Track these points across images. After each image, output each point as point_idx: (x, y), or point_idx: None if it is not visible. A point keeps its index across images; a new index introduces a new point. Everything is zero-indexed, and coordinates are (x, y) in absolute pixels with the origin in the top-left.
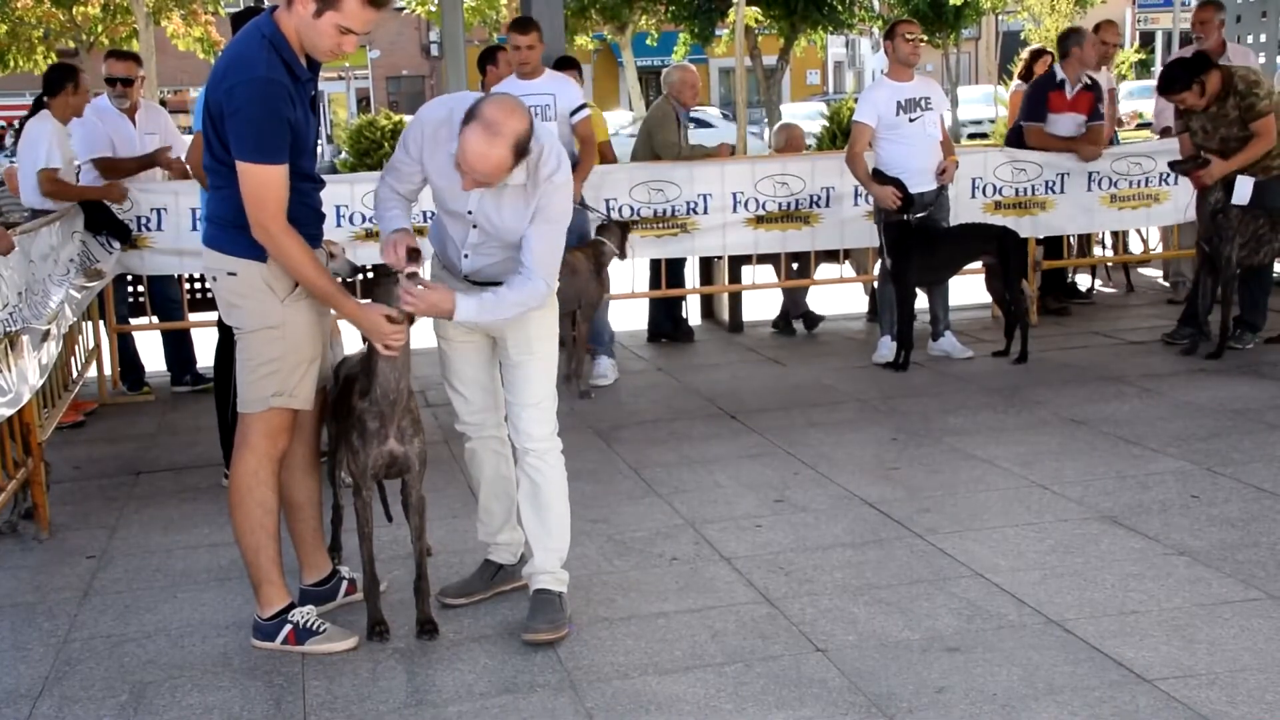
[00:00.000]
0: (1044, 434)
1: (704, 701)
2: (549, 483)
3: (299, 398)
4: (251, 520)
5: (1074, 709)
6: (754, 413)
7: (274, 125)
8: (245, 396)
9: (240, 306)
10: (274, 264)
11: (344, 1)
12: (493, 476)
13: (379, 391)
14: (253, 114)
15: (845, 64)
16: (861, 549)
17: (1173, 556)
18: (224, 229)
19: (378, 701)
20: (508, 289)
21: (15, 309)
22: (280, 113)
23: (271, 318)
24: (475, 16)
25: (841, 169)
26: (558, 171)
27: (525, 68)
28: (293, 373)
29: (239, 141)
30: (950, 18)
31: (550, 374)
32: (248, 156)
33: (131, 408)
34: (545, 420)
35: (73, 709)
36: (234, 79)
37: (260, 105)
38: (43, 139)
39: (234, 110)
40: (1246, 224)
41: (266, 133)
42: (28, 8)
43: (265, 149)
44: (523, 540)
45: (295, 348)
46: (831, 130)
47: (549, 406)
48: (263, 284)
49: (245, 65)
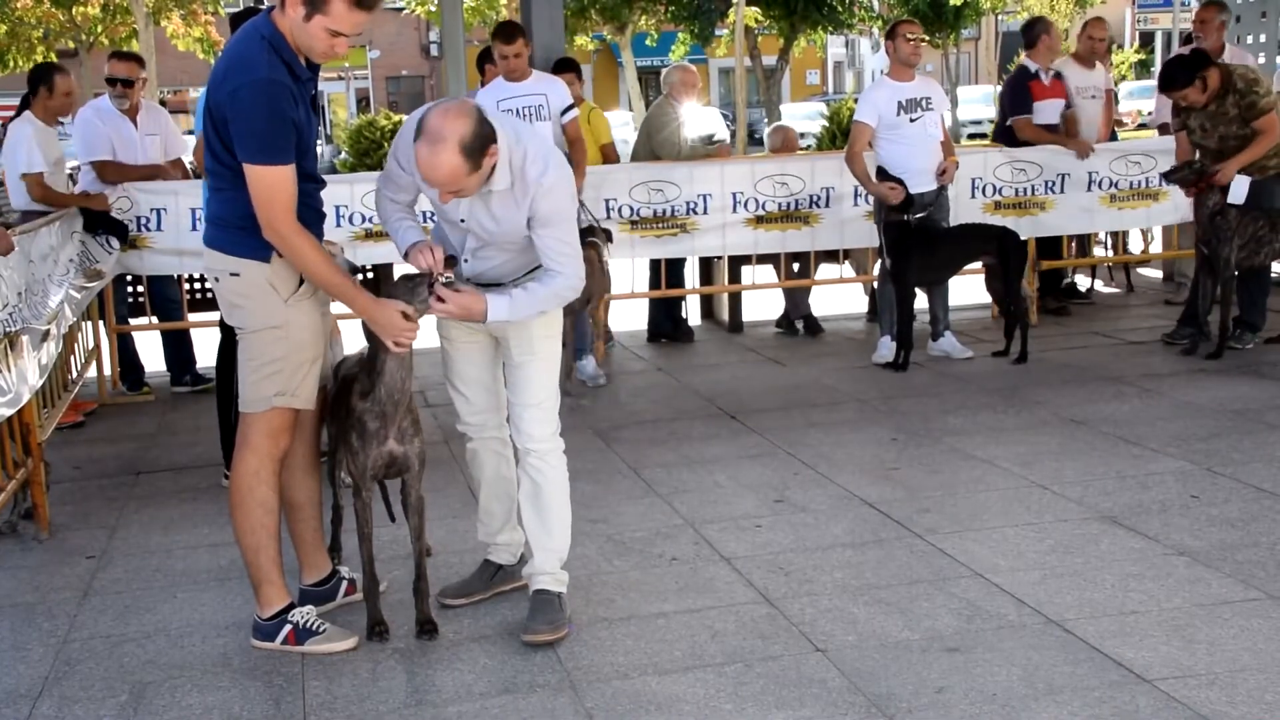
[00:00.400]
0: (1044, 434)
1: (704, 701)
2: (550, 483)
3: (301, 397)
4: (252, 520)
5: (1074, 709)
6: (754, 413)
7: (279, 126)
8: (247, 396)
9: (243, 307)
10: (277, 264)
11: (331, 5)
12: (493, 477)
13: (383, 391)
14: (258, 116)
15: (845, 64)
16: (861, 549)
17: (1172, 556)
18: (226, 230)
19: (377, 702)
20: (538, 284)
21: (15, 309)
22: (285, 113)
23: (275, 318)
24: (475, 16)
25: (841, 169)
26: (546, 173)
27: (513, 74)
28: (295, 372)
29: (245, 144)
30: (950, 18)
31: (552, 375)
32: (255, 159)
33: (131, 408)
34: (547, 421)
35: (72, 709)
36: (236, 81)
37: (265, 107)
38: (22, 143)
39: (238, 113)
40: (1245, 225)
41: (272, 134)
42: (27, 8)
43: (272, 150)
44: (523, 541)
45: (299, 347)
46: (831, 130)
47: (550, 407)
48: (266, 284)
49: (247, 67)
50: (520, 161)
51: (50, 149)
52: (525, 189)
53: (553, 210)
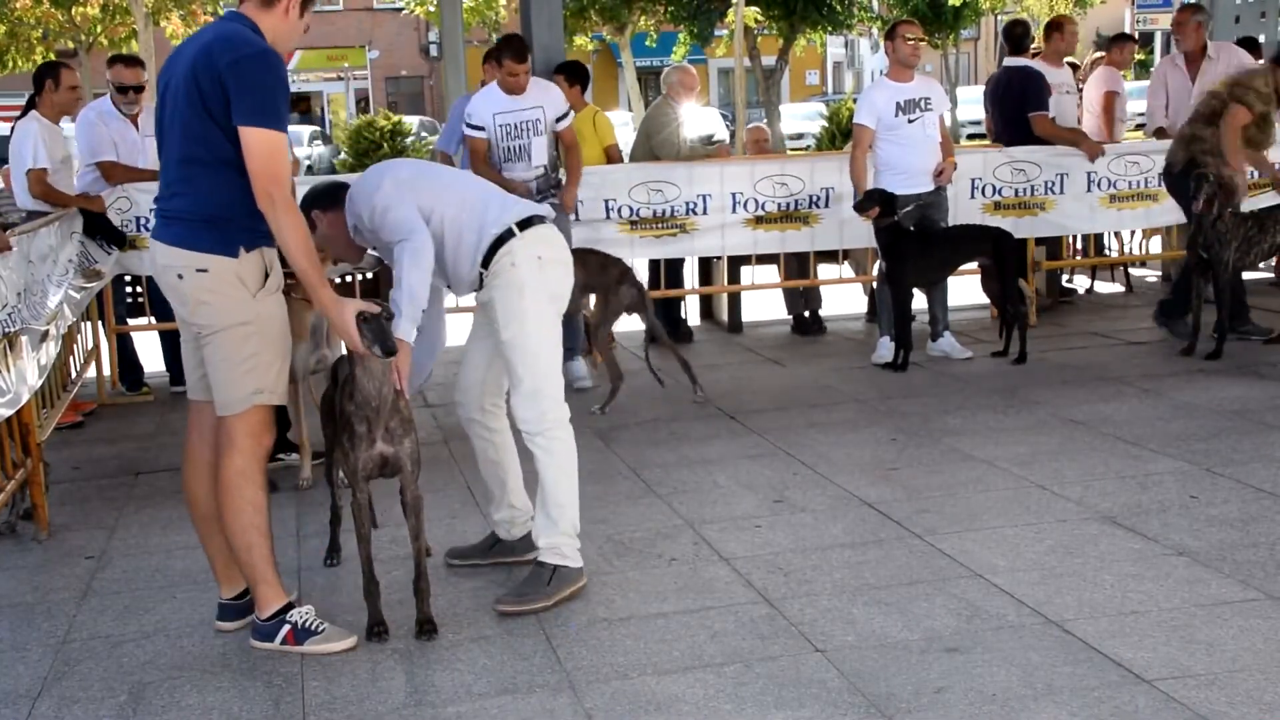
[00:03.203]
0: (1043, 434)
1: (703, 702)
2: (545, 466)
3: (277, 394)
4: (242, 519)
5: (1073, 709)
6: (753, 413)
7: (283, 93)
8: (224, 399)
9: (210, 303)
10: (245, 259)
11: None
12: (481, 459)
13: (360, 396)
14: (265, 81)
15: (844, 64)
16: (861, 549)
17: (1172, 557)
18: (191, 225)
19: (376, 702)
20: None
21: (14, 309)
22: (286, 82)
23: (245, 313)
24: (474, 17)
25: (841, 169)
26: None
27: (514, 90)
28: (270, 368)
29: (248, 108)
30: (949, 18)
31: (540, 358)
32: (258, 121)
33: (130, 408)
34: (530, 405)
35: (71, 709)
36: (237, 53)
37: (271, 73)
38: (28, 139)
39: (242, 79)
40: (1238, 227)
41: (276, 99)
42: (27, 8)
43: (275, 115)
44: (518, 520)
45: (271, 342)
46: (831, 130)
47: (533, 389)
48: (235, 279)
49: (245, 41)
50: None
51: (56, 147)
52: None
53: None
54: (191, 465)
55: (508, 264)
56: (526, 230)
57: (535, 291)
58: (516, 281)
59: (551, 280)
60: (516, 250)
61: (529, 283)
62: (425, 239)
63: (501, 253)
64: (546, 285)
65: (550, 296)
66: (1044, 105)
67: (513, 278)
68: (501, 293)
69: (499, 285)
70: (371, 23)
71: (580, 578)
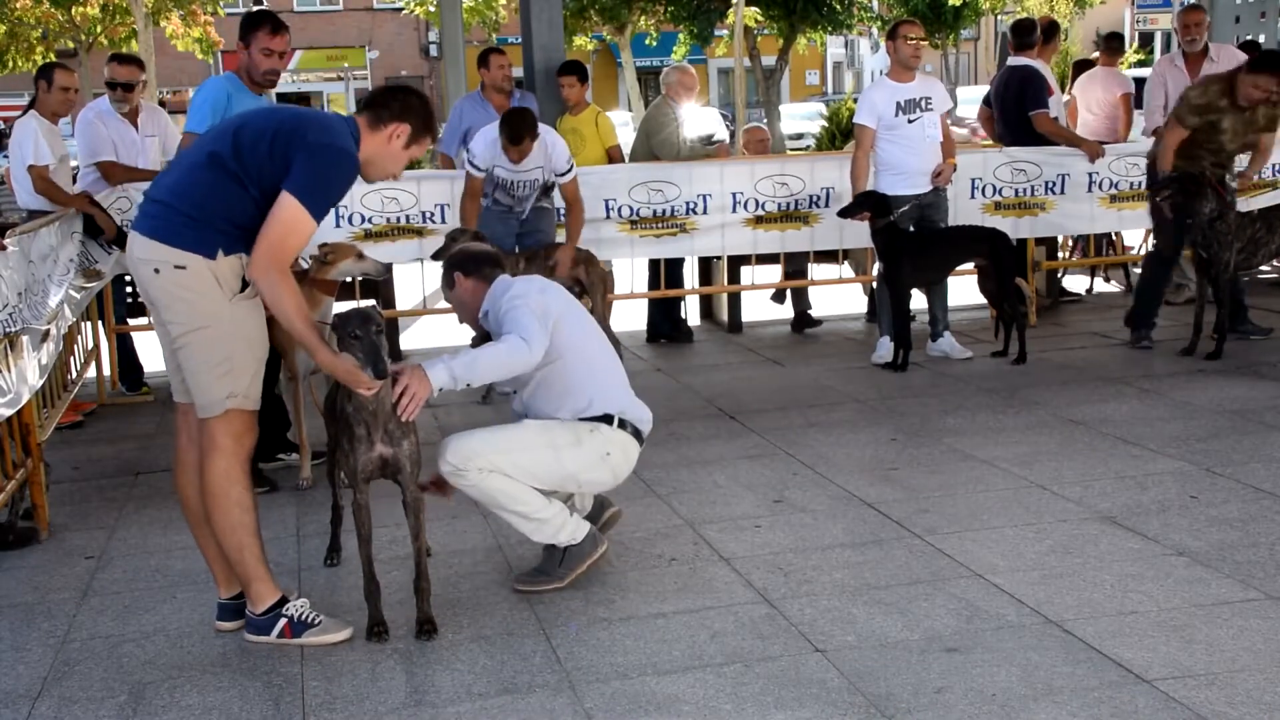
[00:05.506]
0: (1043, 434)
1: (703, 702)
2: (487, 496)
3: (251, 399)
4: (231, 519)
5: (1073, 709)
6: (753, 413)
7: (337, 195)
8: (203, 401)
9: (187, 300)
10: (223, 261)
11: (421, 139)
12: None
13: (356, 402)
14: (332, 176)
15: (844, 64)
16: (860, 549)
17: (1171, 557)
18: (173, 217)
19: (377, 702)
20: (489, 345)
21: (15, 309)
22: (344, 190)
23: (219, 313)
24: (474, 17)
25: (841, 169)
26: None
27: (519, 160)
28: (244, 372)
29: (304, 186)
30: (949, 18)
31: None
32: (305, 200)
33: (131, 408)
34: (456, 451)
35: (71, 709)
36: (331, 139)
37: (342, 175)
38: (28, 137)
39: (315, 159)
40: (1243, 228)
41: (330, 198)
42: (26, 8)
43: (320, 206)
44: (579, 506)
45: (246, 345)
46: (830, 130)
47: (460, 440)
48: (212, 279)
49: (340, 136)
50: None
51: (55, 145)
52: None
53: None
54: (182, 467)
55: (601, 438)
56: (624, 429)
57: (600, 462)
58: (599, 449)
59: (615, 464)
60: (609, 436)
61: (604, 459)
62: (531, 356)
63: (596, 424)
64: (613, 468)
65: (609, 470)
66: (1044, 104)
67: (597, 445)
68: (585, 445)
69: (585, 437)
70: (371, 23)
71: (596, 545)
